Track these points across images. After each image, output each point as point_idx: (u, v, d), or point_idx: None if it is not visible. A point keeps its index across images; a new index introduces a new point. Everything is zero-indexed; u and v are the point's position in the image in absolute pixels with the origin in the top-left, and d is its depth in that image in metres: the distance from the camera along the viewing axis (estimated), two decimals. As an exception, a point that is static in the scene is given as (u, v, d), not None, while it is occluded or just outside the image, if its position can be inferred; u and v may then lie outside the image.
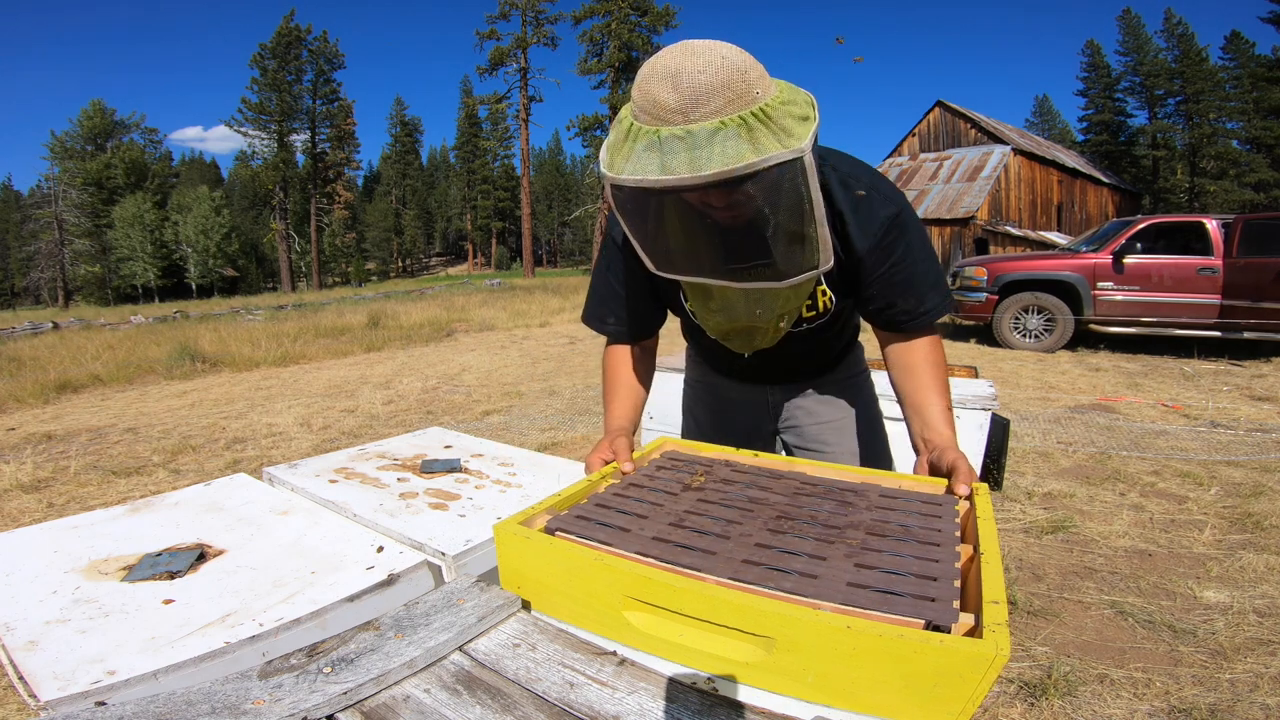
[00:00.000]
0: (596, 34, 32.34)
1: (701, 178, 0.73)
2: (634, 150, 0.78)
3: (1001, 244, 19.39)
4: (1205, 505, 2.96)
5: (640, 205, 0.87)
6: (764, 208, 0.81)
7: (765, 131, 0.74)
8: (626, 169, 0.78)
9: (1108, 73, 36.10)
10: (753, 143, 0.74)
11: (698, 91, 0.74)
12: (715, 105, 0.74)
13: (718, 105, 0.74)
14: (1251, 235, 6.55)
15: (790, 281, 0.88)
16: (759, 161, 0.73)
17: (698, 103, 0.74)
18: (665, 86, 0.76)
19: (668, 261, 0.92)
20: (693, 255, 0.90)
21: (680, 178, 0.74)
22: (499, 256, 59.56)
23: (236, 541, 1.01)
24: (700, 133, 0.74)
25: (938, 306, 1.04)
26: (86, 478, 3.61)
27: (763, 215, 0.82)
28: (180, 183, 47.82)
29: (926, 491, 0.88)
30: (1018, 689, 1.73)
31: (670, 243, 0.91)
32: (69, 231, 40.18)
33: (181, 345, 8.02)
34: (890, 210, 0.98)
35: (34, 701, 0.65)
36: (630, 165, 0.78)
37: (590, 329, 1.21)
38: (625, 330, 1.17)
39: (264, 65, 38.77)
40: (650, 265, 0.93)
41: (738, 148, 0.73)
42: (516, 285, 23.18)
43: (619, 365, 1.18)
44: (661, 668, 0.63)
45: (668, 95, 0.75)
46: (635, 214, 0.89)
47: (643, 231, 0.90)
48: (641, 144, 0.77)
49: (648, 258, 0.92)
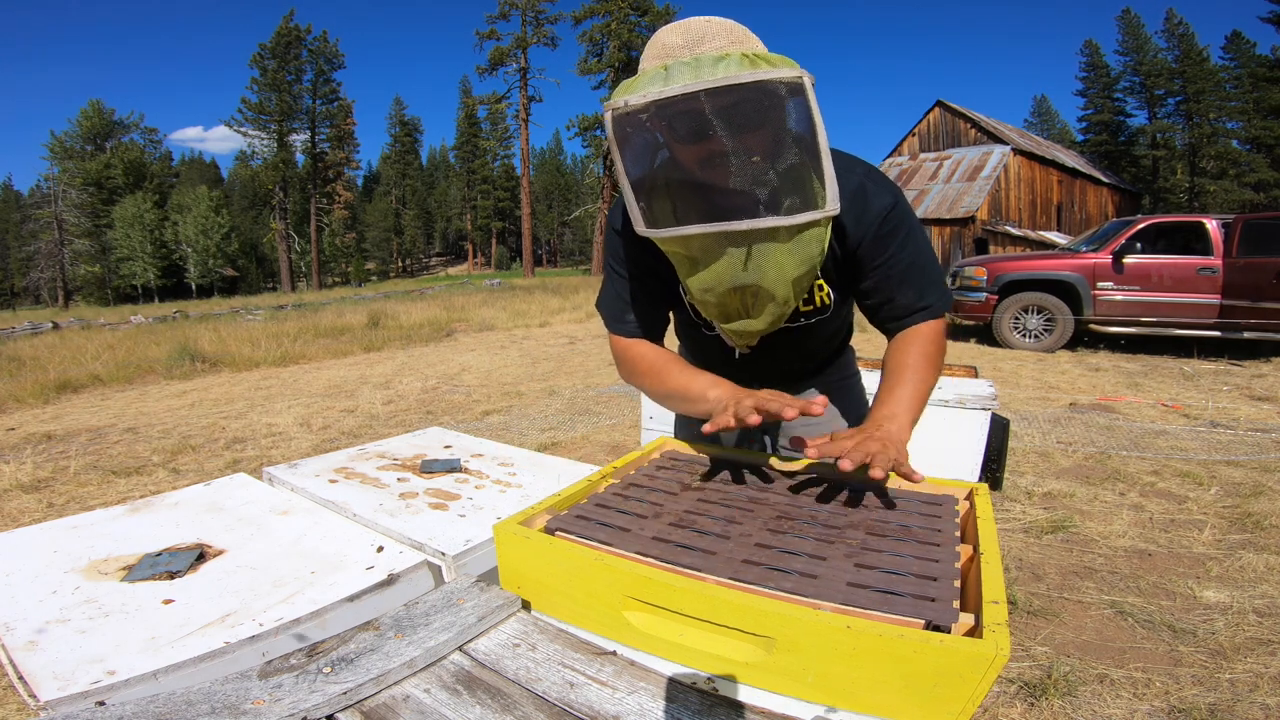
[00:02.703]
0: (596, 34, 32.36)
1: (704, 83, 0.76)
2: (639, 83, 0.81)
3: (1001, 244, 19.40)
4: (1205, 505, 2.96)
5: (638, 140, 0.84)
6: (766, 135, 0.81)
7: (766, 64, 0.78)
8: (631, 95, 0.80)
9: (1107, 72, 36.12)
10: (754, 68, 0.77)
11: (704, 32, 0.82)
12: (720, 43, 0.81)
13: (722, 44, 0.81)
14: (1251, 235, 6.55)
15: (796, 219, 0.82)
16: (761, 73, 0.77)
17: (703, 40, 0.81)
18: (673, 32, 0.84)
19: (656, 217, 0.87)
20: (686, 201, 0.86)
21: (686, 84, 0.77)
22: (499, 256, 59.55)
23: (236, 541, 1.01)
24: (705, 58, 0.79)
25: (938, 302, 1.03)
26: (86, 478, 3.61)
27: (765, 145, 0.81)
28: (180, 183, 47.81)
29: (926, 491, 0.88)
30: (1018, 689, 1.73)
31: (664, 194, 0.87)
32: (69, 231, 40.18)
33: (181, 345, 8.02)
34: (887, 200, 0.97)
35: (34, 701, 0.65)
36: (634, 93, 0.80)
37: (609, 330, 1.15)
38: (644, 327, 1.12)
39: (264, 65, 38.77)
40: (641, 223, 0.88)
41: (740, 68, 0.77)
42: (516, 285, 23.19)
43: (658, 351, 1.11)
44: (661, 668, 0.63)
45: (675, 37, 0.83)
46: (632, 150, 0.85)
47: (638, 180, 0.86)
48: (647, 77, 0.81)
49: (639, 214, 0.87)
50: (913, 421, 0.94)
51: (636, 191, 0.87)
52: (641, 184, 0.87)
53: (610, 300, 1.12)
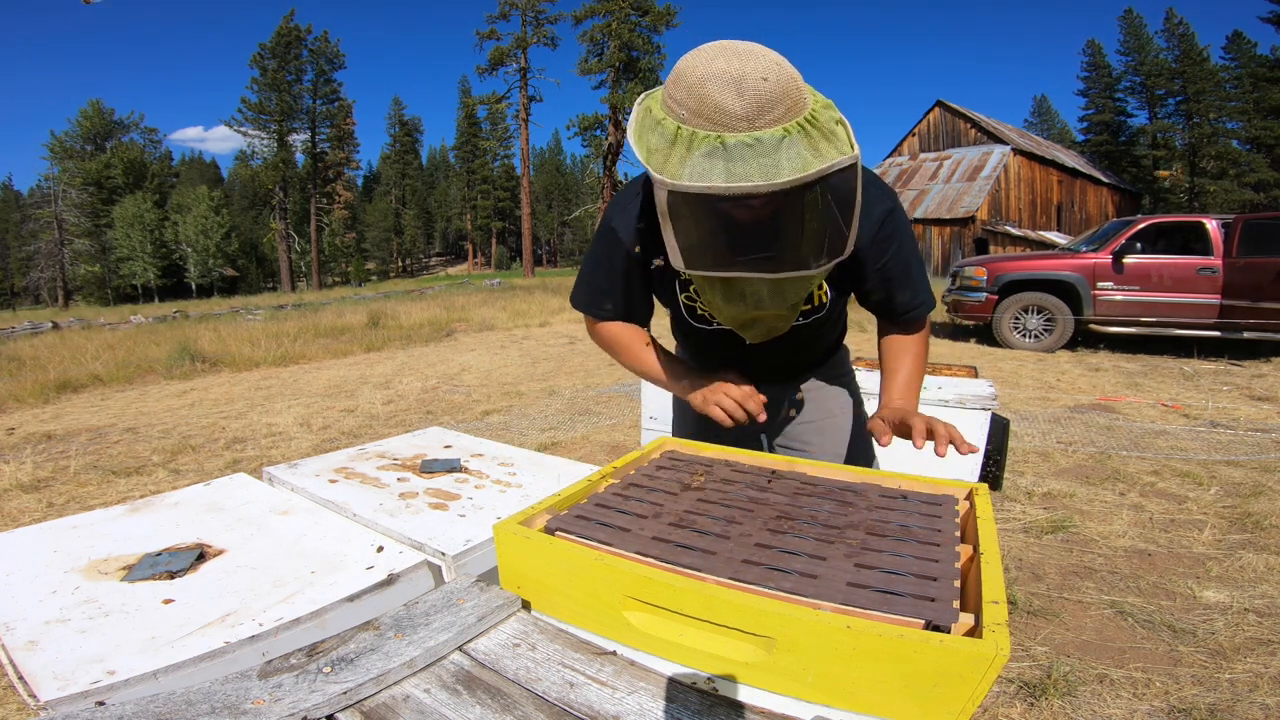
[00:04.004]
0: (597, 34, 32.30)
1: (776, 185, 0.76)
2: (693, 156, 0.78)
3: (1001, 244, 19.40)
4: (1205, 505, 2.96)
5: (695, 209, 0.85)
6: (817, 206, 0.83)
7: (820, 137, 0.78)
8: (686, 174, 0.78)
9: (1108, 72, 36.11)
10: (813, 149, 0.77)
11: (762, 99, 0.76)
12: (778, 113, 0.77)
13: (780, 113, 0.77)
14: (1251, 235, 6.55)
15: (820, 270, 0.88)
16: (826, 168, 0.76)
17: (763, 110, 0.76)
18: (730, 93, 0.76)
19: (700, 260, 0.90)
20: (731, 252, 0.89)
21: (755, 184, 0.76)
22: (499, 256, 59.53)
23: (236, 541, 1.01)
24: (768, 140, 0.76)
25: (928, 300, 1.14)
26: (86, 478, 3.61)
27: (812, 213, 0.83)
28: (180, 182, 47.82)
29: (926, 491, 0.88)
30: (1018, 689, 1.73)
31: (710, 241, 0.89)
32: (69, 231, 40.17)
33: (181, 345, 8.02)
34: (887, 205, 1.03)
35: (34, 701, 0.65)
36: (691, 170, 0.78)
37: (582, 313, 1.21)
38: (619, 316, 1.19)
39: (264, 65, 38.74)
40: (681, 264, 0.90)
41: (802, 155, 0.76)
42: (516, 285, 23.17)
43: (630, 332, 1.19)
44: (661, 668, 0.63)
45: (733, 102, 0.76)
46: (686, 218, 0.86)
47: (687, 233, 0.88)
48: (702, 150, 0.78)
49: (681, 256, 0.90)
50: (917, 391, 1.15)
51: (678, 237, 0.88)
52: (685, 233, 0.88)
53: (587, 292, 1.18)
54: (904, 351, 1.16)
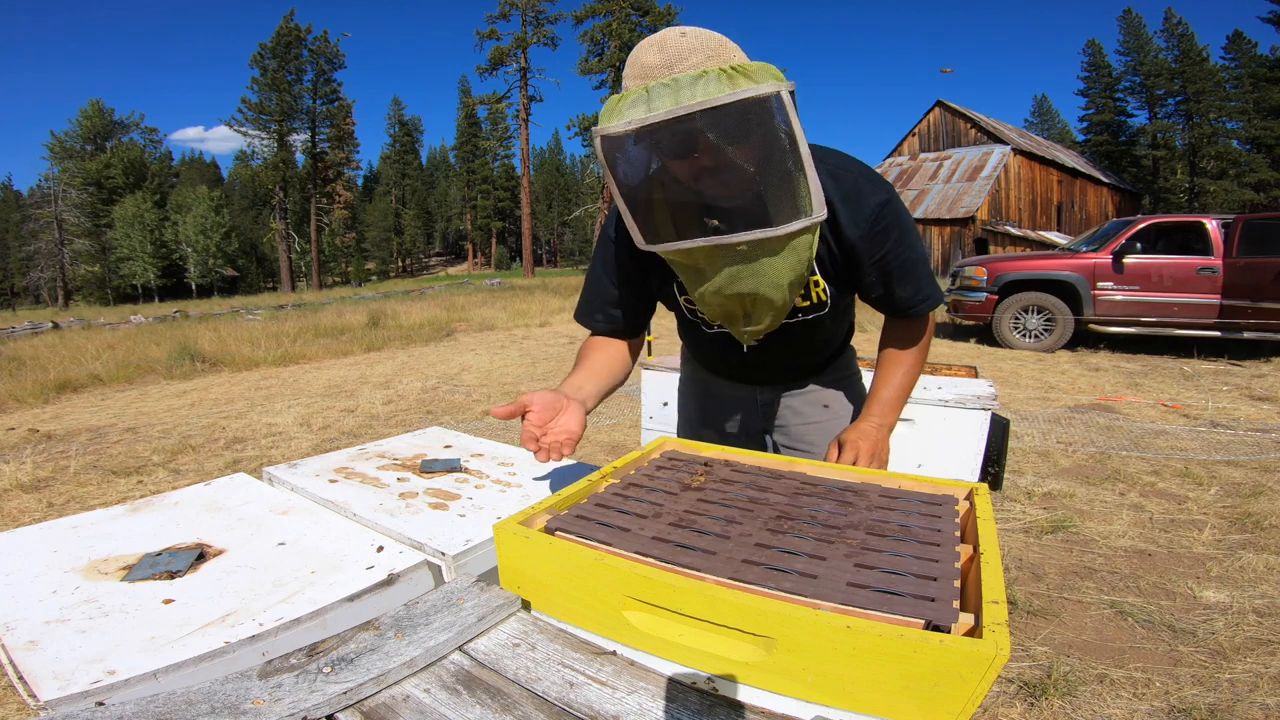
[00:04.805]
0: (597, 34, 32.33)
1: (684, 108, 0.78)
2: (622, 106, 0.82)
3: (1001, 244, 19.40)
4: (1205, 505, 2.96)
5: (628, 160, 0.88)
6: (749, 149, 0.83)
7: (744, 79, 0.79)
8: (616, 123, 0.82)
9: (1109, 72, 36.10)
10: (733, 85, 0.78)
11: (681, 50, 0.82)
12: (696, 60, 0.81)
13: (699, 60, 0.81)
14: (1251, 235, 6.55)
15: (786, 229, 0.86)
16: (739, 92, 0.77)
17: (681, 58, 0.82)
18: (650, 50, 0.84)
19: (655, 232, 0.92)
20: (682, 219, 0.90)
21: (665, 111, 0.78)
22: (499, 256, 59.52)
23: (236, 541, 1.01)
24: (684, 79, 0.79)
25: (933, 295, 1.11)
26: (86, 477, 3.61)
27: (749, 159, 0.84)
28: (180, 182, 47.82)
29: (926, 491, 0.88)
30: (1018, 689, 1.73)
31: (658, 209, 0.91)
32: (69, 231, 40.17)
33: (181, 345, 8.02)
34: (881, 197, 1.00)
35: (34, 701, 0.65)
36: (618, 121, 0.82)
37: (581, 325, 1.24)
38: (611, 329, 1.19)
39: (264, 65, 38.74)
40: (640, 238, 0.93)
41: (719, 87, 0.78)
42: (516, 285, 23.18)
43: (595, 348, 1.19)
44: (661, 668, 0.63)
45: (653, 56, 0.83)
46: (624, 173, 0.89)
47: (632, 197, 0.91)
48: (629, 100, 0.82)
49: (637, 230, 0.93)
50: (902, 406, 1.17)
51: (631, 208, 0.92)
52: (635, 201, 0.91)
53: (583, 305, 1.21)
54: (896, 364, 1.16)
